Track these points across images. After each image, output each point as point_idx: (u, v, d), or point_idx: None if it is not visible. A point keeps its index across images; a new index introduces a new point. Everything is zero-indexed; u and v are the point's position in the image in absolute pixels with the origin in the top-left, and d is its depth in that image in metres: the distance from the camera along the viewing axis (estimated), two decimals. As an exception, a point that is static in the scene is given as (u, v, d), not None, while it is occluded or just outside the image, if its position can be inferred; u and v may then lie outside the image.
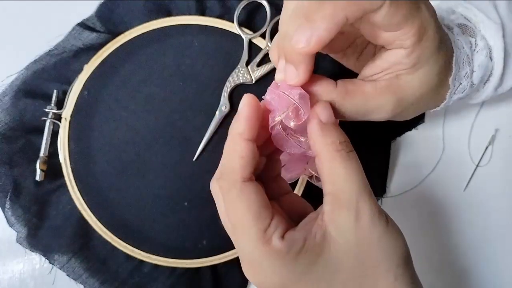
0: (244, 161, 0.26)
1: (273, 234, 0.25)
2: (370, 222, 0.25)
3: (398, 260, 0.26)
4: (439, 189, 0.43)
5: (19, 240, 0.40)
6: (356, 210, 0.25)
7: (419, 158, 0.43)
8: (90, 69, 0.40)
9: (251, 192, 0.26)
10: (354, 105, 0.28)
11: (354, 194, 0.25)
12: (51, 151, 0.40)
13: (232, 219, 0.26)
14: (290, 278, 0.25)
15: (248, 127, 0.26)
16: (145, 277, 0.40)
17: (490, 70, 0.34)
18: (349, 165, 0.26)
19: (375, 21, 0.26)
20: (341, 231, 0.25)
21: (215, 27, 0.40)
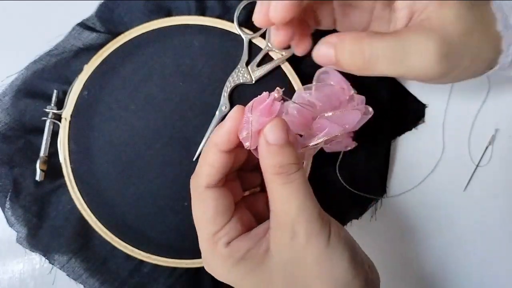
0: (213, 170, 0.28)
1: (220, 239, 0.28)
2: (305, 244, 0.26)
3: (335, 282, 0.26)
4: (439, 189, 0.43)
5: (19, 240, 0.40)
6: (291, 231, 0.26)
7: (419, 158, 0.43)
8: (90, 69, 0.40)
9: (210, 198, 0.28)
10: (386, 45, 0.25)
11: (290, 216, 0.26)
12: (51, 151, 0.40)
13: (194, 216, 0.29)
14: (230, 278, 0.28)
15: (225, 140, 0.27)
16: (145, 277, 0.40)
17: None
18: (288, 187, 0.26)
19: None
20: (278, 249, 0.27)
21: (215, 27, 0.40)
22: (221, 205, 0.28)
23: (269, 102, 0.26)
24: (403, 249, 0.43)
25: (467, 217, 0.43)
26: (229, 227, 0.28)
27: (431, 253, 0.43)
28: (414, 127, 0.43)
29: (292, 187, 0.26)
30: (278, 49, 0.26)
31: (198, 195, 0.28)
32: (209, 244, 0.28)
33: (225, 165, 0.28)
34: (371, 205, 0.42)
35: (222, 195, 0.28)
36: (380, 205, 0.43)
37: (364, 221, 0.42)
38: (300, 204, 0.26)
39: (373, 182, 0.41)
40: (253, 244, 0.28)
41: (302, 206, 0.26)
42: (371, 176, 0.41)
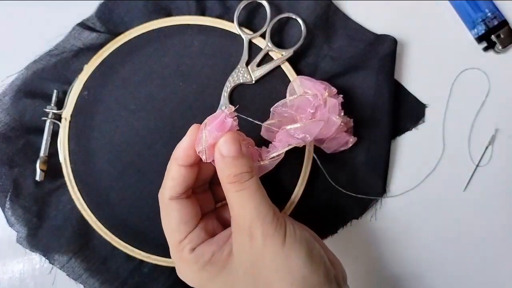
0: (174, 183, 0.30)
1: (185, 246, 0.30)
2: (262, 245, 0.28)
3: (293, 279, 0.28)
4: (439, 189, 0.43)
5: (19, 240, 0.40)
6: (249, 234, 0.28)
7: (419, 158, 0.43)
8: (90, 69, 0.40)
9: (174, 209, 0.31)
10: None
11: (247, 219, 0.28)
12: (51, 151, 0.40)
13: (163, 226, 0.32)
14: (198, 282, 0.30)
15: (183, 155, 0.30)
16: (145, 277, 0.40)
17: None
18: (242, 194, 0.29)
19: None
20: (239, 251, 0.29)
21: (215, 27, 0.40)
22: (184, 215, 0.31)
23: (221, 118, 0.29)
24: (403, 249, 0.43)
25: (467, 217, 0.43)
26: (193, 235, 0.31)
27: (431, 253, 0.43)
28: (414, 127, 0.43)
29: (246, 194, 0.28)
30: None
31: (164, 206, 0.31)
32: (176, 251, 0.31)
33: (186, 178, 0.30)
34: (371, 205, 0.42)
35: (185, 206, 0.31)
36: (380, 205, 0.43)
37: (364, 221, 0.42)
38: (254, 209, 0.28)
39: (373, 182, 0.41)
40: (217, 248, 0.30)
41: (256, 210, 0.28)
42: (371, 176, 0.41)
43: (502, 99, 0.43)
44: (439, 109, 0.43)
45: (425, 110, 0.43)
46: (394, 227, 0.43)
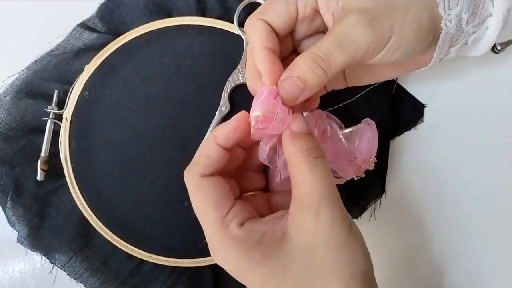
0: (209, 161, 0.29)
1: (231, 221, 0.27)
2: (329, 227, 0.26)
3: (353, 270, 0.27)
4: (438, 188, 0.43)
5: (20, 239, 0.40)
6: (316, 214, 0.26)
7: (418, 158, 0.43)
8: (90, 70, 0.40)
9: (209, 185, 0.28)
10: (329, 41, 0.27)
11: (316, 198, 0.26)
12: (52, 151, 0.40)
13: (194, 206, 0.29)
14: (244, 265, 0.27)
15: (225, 136, 0.28)
16: (145, 276, 0.40)
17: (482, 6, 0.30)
18: (314, 169, 0.27)
19: (285, 28, 0.30)
20: (300, 232, 0.27)
21: (215, 28, 0.40)
22: (222, 190, 0.28)
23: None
24: (403, 249, 0.43)
25: (467, 217, 0.43)
26: (236, 209, 0.28)
27: (431, 253, 0.43)
28: (413, 127, 0.43)
29: (317, 170, 0.27)
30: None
31: (196, 184, 0.29)
32: (219, 229, 0.27)
33: (220, 159, 0.29)
34: (371, 205, 0.42)
35: (220, 182, 0.29)
36: (379, 205, 0.43)
37: (363, 221, 0.42)
38: (326, 188, 0.26)
39: (372, 182, 0.42)
40: (268, 228, 0.27)
41: (327, 190, 0.26)
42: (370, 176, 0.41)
43: (502, 99, 0.43)
44: (439, 109, 0.43)
45: (424, 110, 0.43)
46: (393, 227, 0.43)
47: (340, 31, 0.27)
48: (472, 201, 0.43)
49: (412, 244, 0.43)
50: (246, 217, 0.28)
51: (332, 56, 0.27)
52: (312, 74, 0.27)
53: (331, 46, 0.27)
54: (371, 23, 0.27)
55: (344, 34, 0.27)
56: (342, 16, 0.28)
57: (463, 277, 0.42)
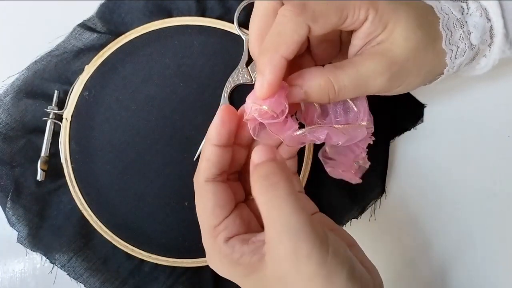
0: (208, 164, 0.29)
1: (220, 232, 0.28)
2: (295, 261, 0.25)
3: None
4: (438, 189, 0.43)
5: (20, 239, 0.40)
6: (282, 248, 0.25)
7: (418, 158, 0.43)
8: (91, 70, 0.40)
9: (209, 191, 0.29)
10: (348, 76, 0.29)
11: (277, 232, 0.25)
12: (52, 151, 0.40)
13: (197, 211, 0.30)
14: (233, 275, 0.28)
15: (216, 134, 0.29)
16: (145, 276, 0.40)
17: (489, 30, 0.33)
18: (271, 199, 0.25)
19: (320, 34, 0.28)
20: (274, 262, 0.26)
21: (215, 28, 0.40)
22: (220, 198, 0.29)
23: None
24: (402, 249, 0.43)
25: (467, 216, 0.43)
26: (229, 221, 0.29)
27: (431, 253, 0.43)
28: (413, 127, 0.43)
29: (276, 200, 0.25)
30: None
31: (199, 189, 0.30)
32: (209, 237, 0.29)
33: (220, 159, 0.29)
34: (371, 205, 0.42)
35: (221, 189, 0.29)
36: (379, 205, 0.43)
37: (363, 221, 0.42)
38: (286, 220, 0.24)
39: (372, 182, 0.42)
40: (248, 251, 0.28)
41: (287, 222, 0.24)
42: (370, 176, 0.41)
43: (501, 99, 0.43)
44: (438, 109, 0.43)
45: (424, 110, 0.43)
46: (393, 227, 0.43)
47: (363, 73, 0.29)
48: (472, 201, 0.43)
49: (412, 244, 0.43)
50: (235, 231, 0.29)
51: (344, 91, 0.29)
52: (319, 95, 0.29)
53: (348, 83, 0.29)
54: (392, 77, 0.30)
55: (364, 77, 0.29)
56: (371, 56, 0.29)
57: (464, 277, 0.42)
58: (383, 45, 0.30)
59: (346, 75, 0.29)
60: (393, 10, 0.29)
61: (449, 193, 0.43)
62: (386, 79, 0.30)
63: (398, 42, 0.29)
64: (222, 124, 0.29)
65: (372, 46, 0.30)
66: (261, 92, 0.28)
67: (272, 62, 0.27)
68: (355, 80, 0.29)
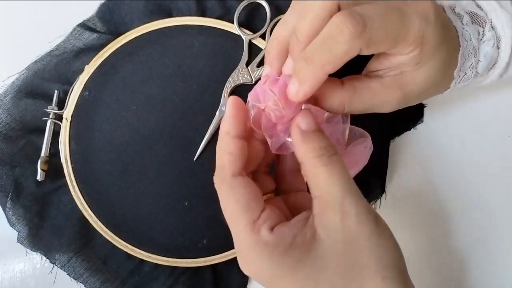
0: (232, 157, 0.28)
1: (262, 225, 0.27)
2: (356, 222, 0.26)
3: (388, 261, 0.27)
4: (438, 189, 0.43)
5: (20, 239, 0.40)
6: (341, 212, 0.26)
7: (418, 158, 0.43)
8: (91, 70, 0.40)
9: (240, 186, 0.27)
10: (362, 102, 0.30)
11: (338, 196, 0.26)
12: (52, 151, 0.40)
13: (226, 211, 0.28)
14: (277, 272, 0.26)
15: (233, 125, 0.28)
16: (145, 276, 0.40)
17: (495, 59, 0.34)
18: (330, 169, 0.26)
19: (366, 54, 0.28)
20: (329, 232, 0.26)
21: (216, 28, 0.40)
22: (253, 191, 0.28)
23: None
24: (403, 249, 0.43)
25: (466, 217, 0.43)
26: (267, 213, 0.27)
27: (431, 253, 0.43)
28: (413, 127, 0.43)
29: (335, 169, 0.26)
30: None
31: (226, 186, 0.28)
32: (250, 234, 0.26)
33: (242, 151, 0.28)
34: (371, 205, 0.42)
35: (250, 183, 0.28)
36: (379, 205, 0.43)
37: (363, 220, 0.42)
38: (346, 184, 0.26)
39: (372, 182, 0.42)
40: (298, 230, 0.27)
41: (348, 186, 0.26)
42: (370, 176, 0.41)
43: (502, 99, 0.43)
44: (438, 109, 0.43)
45: (424, 110, 0.43)
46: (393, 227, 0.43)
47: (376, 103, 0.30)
48: (472, 201, 0.43)
49: (412, 244, 0.43)
50: (276, 221, 0.27)
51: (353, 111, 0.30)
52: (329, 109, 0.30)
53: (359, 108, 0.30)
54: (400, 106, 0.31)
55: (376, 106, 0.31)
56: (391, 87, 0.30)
57: (465, 276, 0.42)
58: (404, 77, 0.30)
59: (360, 101, 0.30)
60: (433, 51, 0.29)
61: (449, 193, 0.43)
62: (393, 107, 0.31)
63: (419, 79, 0.30)
64: (238, 113, 0.28)
65: (395, 75, 0.30)
66: (295, 97, 0.27)
67: (316, 77, 0.27)
68: (366, 108, 0.30)
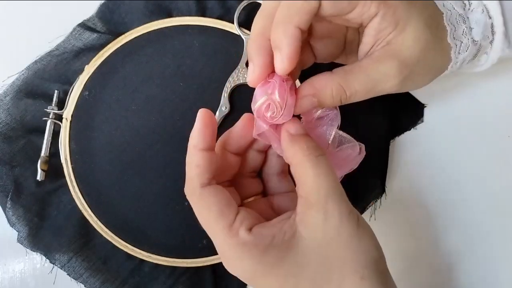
0: (199, 170, 0.28)
1: (239, 227, 0.27)
2: (338, 222, 0.27)
3: (366, 261, 0.27)
4: (438, 189, 0.43)
5: (20, 239, 0.40)
6: (324, 211, 0.27)
7: (418, 158, 0.43)
8: (91, 70, 0.40)
9: (210, 195, 0.28)
10: (359, 81, 0.29)
11: (322, 195, 0.27)
12: (52, 151, 0.40)
13: (201, 221, 0.29)
14: (259, 270, 0.27)
15: (200, 139, 0.29)
16: (145, 276, 0.40)
17: (490, 27, 0.34)
18: (317, 167, 0.27)
19: (328, 14, 0.28)
20: (310, 230, 0.27)
21: (215, 28, 0.40)
22: (223, 198, 0.28)
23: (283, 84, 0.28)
24: (403, 249, 0.43)
25: (468, 216, 0.43)
26: (243, 215, 0.28)
27: (431, 253, 0.43)
28: (413, 127, 0.43)
29: (321, 169, 0.27)
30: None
31: (196, 198, 0.29)
32: (228, 238, 0.27)
33: (210, 162, 0.29)
34: (371, 205, 0.42)
35: (221, 190, 0.29)
36: (379, 205, 0.43)
37: (363, 220, 0.42)
38: (331, 185, 0.27)
39: (372, 182, 0.42)
40: (277, 230, 0.27)
41: (332, 187, 0.27)
42: (370, 176, 0.42)
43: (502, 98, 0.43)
44: (438, 109, 0.43)
45: (424, 110, 0.43)
46: (393, 227, 0.43)
47: (374, 77, 0.29)
48: (472, 201, 0.43)
49: (412, 244, 0.43)
50: (253, 222, 0.28)
51: (355, 95, 0.29)
52: (332, 102, 0.29)
53: (359, 88, 0.29)
54: (404, 79, 0.29)
55: (375, 81, 0.29)
56: (382, 58, 0.29)
57: (464, 277, 0.42)
58: (393, 45, 0.29)
59: (357, 81, 0.29)
60: (406, 9, 0.29)
61: (449, 193, 0.43)
62: (398, 82, 0.29)
63: (408, 43, 0.29)
64: (206, 127, 0.29)
65: (382, 47, 0.29)
66: (282, 67, 0.27)
67: (288, 33, 0.27)
68: (366, 85, 0.29)
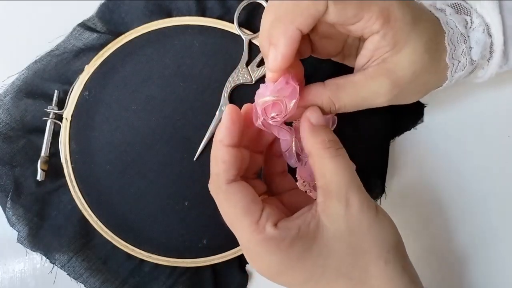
0: (226, 166, 0.28)
1: (266, 223, 0.28)
2: (359, 210, 0.28)
3: (389, 246, 0.28)
4: (438, 189, 0.43)
5: (20, 239, 0.40)
6: (345, 200, 0.28)
7: (418, 158, 0.43)
8: (91, 70, 0.40)
9: (236, 191, 0.28)
10: (349, 97, 0.30)
11: (343, 185, 0.28)
12: (52, 151, 0.40)
13: (226, 217, 0.29)
14: (286, 264, 0.27)
15: (227, 134, 0.28)
16: (145, 276, 0.40)
17: (489, 46, 0.34)
18: (337, 160, 0.28)
19: (332, 22, 0.28)
20: (333, 219, 0.28)
21: (215, 28, 0.40)
22: (250, 194, 0.28)
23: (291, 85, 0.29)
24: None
25: (466, 217, 0.43)
26: (268, 211, 0.28)
27: (430, 253, 0.43)
28: (413, 127, 0.43)
29: (342, 160, 0.28)
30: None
31: (223, 194, 0.28)
32: (255, 234, 0.27)
33: (236, 159, 0.29)
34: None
35: (245, 187, 0.29)
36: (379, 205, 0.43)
37: (363, 220, 0.42)
38: (351, 175, 0.28)
39: (372, 182, 0.42)
40: (301, 222, 0.28)
41: (352, 177, 0.28)
42: (370, 176, 0.42)
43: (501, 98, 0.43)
44: (438, 109, 0.43)
45: (424, 110, 0.43)
46: (393, 226, 0.43)
47: (364, 95, 0.30)
48: (471, 201, 0.43)
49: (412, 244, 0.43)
50: (277, 217, 0.28)
51: (344, 108, 0.30)
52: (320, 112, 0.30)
53: (348, 103, 0.30)
54: (393, 98, 0.30)
55: (365, 99, 0.30)
56: (375, 75, 0.30)
57: (464, 277, 0.43)
58: (388, 64, 0.30)
59: (347, 96, 0.30)
60: (407, 31, 0.29)
61: (449, 193, 0.43)
62: (387, 100, 0.30)
63: (403, 64, 0.29)
64: (233, 124, 0.28)
65: (378, 63, 0.30)
66: (274, 65, 0.27)
67: (287, 33, 0.27)
68: (356, 101, 0.30)
